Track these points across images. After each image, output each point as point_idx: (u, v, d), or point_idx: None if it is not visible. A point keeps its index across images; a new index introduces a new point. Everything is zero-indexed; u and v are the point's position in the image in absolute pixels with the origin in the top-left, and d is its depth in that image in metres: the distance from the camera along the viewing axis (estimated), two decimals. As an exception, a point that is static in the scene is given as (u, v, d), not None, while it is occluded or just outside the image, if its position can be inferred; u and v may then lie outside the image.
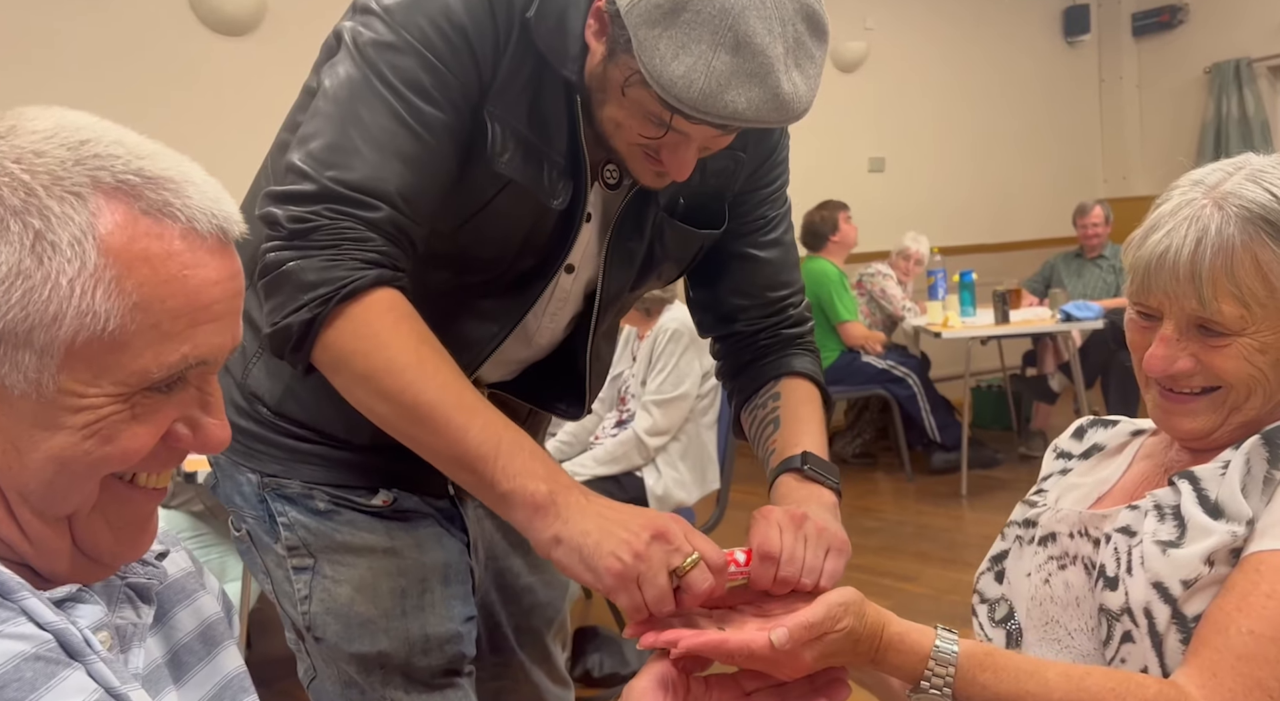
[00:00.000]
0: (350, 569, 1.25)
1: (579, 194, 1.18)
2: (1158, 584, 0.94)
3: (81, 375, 0.67)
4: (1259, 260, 0.97)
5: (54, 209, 0.66)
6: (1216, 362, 1.00)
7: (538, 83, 1.14)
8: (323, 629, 1.25)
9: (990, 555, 1.17)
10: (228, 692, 0.84)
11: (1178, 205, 1.00)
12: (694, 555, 0.98)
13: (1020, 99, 7.32)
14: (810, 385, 1.34)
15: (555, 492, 1.02)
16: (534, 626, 1.47)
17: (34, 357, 0.66)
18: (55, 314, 0.65)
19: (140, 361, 0.68)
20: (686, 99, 1.02)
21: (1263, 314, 0.98)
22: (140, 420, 0.70)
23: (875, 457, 5.73)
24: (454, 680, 1.29)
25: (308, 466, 1.24)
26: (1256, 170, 1.00)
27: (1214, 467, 0.99)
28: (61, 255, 0.65)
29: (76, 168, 0.67)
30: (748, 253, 1.35)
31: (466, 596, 1.32)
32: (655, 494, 3.05)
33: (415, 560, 1.27)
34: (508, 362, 1.30)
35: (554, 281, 1.23)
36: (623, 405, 3.23)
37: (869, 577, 3.74)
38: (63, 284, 0.65)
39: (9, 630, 0.63)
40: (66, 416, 0.67)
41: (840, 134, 6.43)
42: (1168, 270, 0.98)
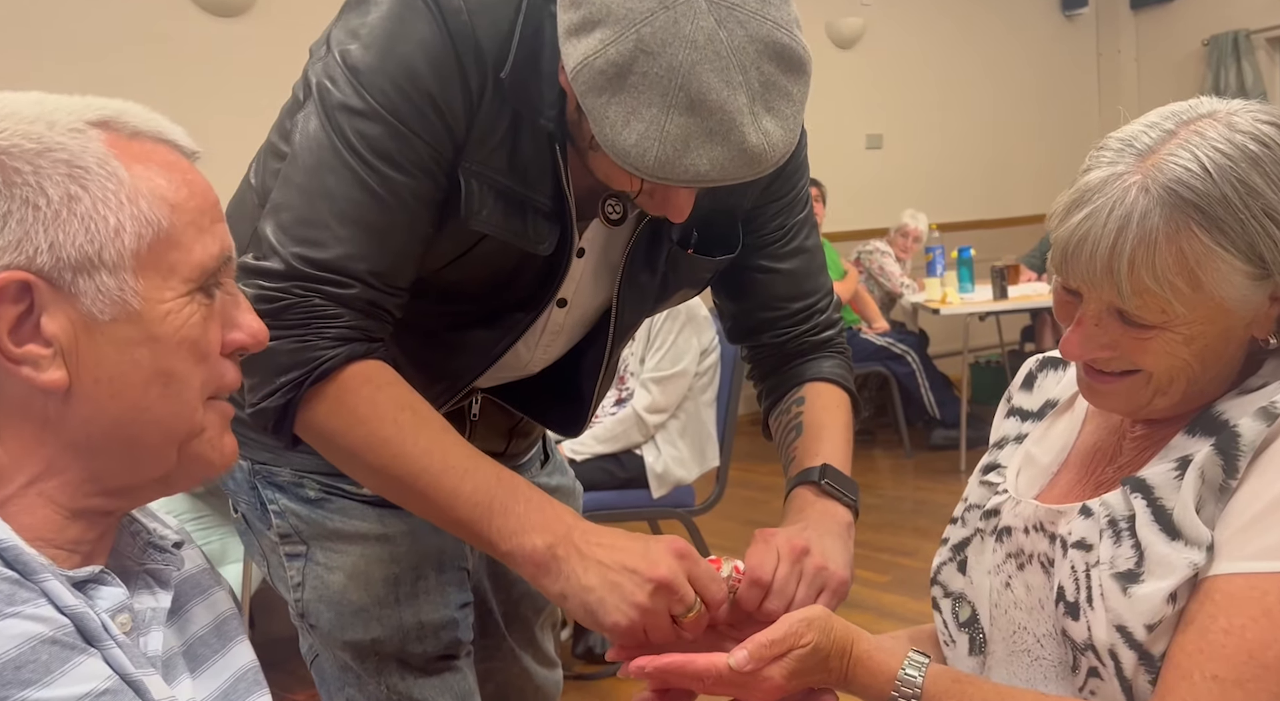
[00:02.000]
0: (343, 556, 1.25)
1: (566, 235, 1.14)
2: (1121, 627, 0.88)
3: (154, 280, 0.72)
4: (1184, 253, 0.87)
5: (67, 142, 0.70)
6: (1136, 353, 0.92)
7: (515, 132, 1.09)
8: (316, 616, 1.25)
9: (952, 543, 1.11)
10: (241, 685, 0.85)
11: (1105, 178, 0.89)
12: (696, 606, 1.00)
13: (1018, 73, 7.29)
14: (837, 390, 1.31)
15: (554, 546, 1.02)
16: (523, 614, 1.48)
17: (111, 276, 0.71)
18: (115, 226, 0.70)
19: (194, 255, 0.74)
20: (643, 168, 0.96)
21: (1187, 307, 0.89)
22: (208, 323, 0.76)
23: (874, 434, 5.74)
24: (451, 663, 1.29)
25: (297, 454, 1.22)
26: (1196, 133, 0.88)
27: (1167, 472, 0.92)
28: (96, 175, 0.70)
29: (56, 113, 0.72)
30: (767, 266, 1.30)
31: (462, 582, 1.31)
32: (655, 471, 3.05)
33: (408, 547, 1.26)
34: (499, 377, 1.29)
35: (545, 314, 1.21)
36: (621, 384, 3.23)
37: (868, 553, 3.76)
38: (110, 198, 0.70)
39: (29, 611, 0.64)
40: (156, 325, 0.73)
41: (837, 111, 6.40)
42: (1085, 258, 0.89)
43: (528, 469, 1.47)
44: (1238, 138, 0.88)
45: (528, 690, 1.52)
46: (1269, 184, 0.87)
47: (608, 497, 2.96)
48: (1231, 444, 0.88)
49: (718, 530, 3.54)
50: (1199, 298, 0.88)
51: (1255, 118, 0.90)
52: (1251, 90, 6.96)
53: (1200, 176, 0.86)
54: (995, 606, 1.03)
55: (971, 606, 1.06)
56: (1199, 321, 0.90)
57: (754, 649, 0.96)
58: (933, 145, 6.92)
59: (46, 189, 0.69)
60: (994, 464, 1.13)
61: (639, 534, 1.05)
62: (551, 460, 1.54)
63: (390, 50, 1.03)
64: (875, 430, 5.76)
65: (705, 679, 0.95)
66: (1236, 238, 0.87)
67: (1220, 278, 0.88)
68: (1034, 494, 1.06)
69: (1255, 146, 0.87)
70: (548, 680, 1.54)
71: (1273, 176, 0.87)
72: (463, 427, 1.29)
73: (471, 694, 1.30)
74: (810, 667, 0.97)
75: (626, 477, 3.05)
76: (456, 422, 1.26)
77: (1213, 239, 0.86)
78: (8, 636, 0.62)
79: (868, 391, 5.77)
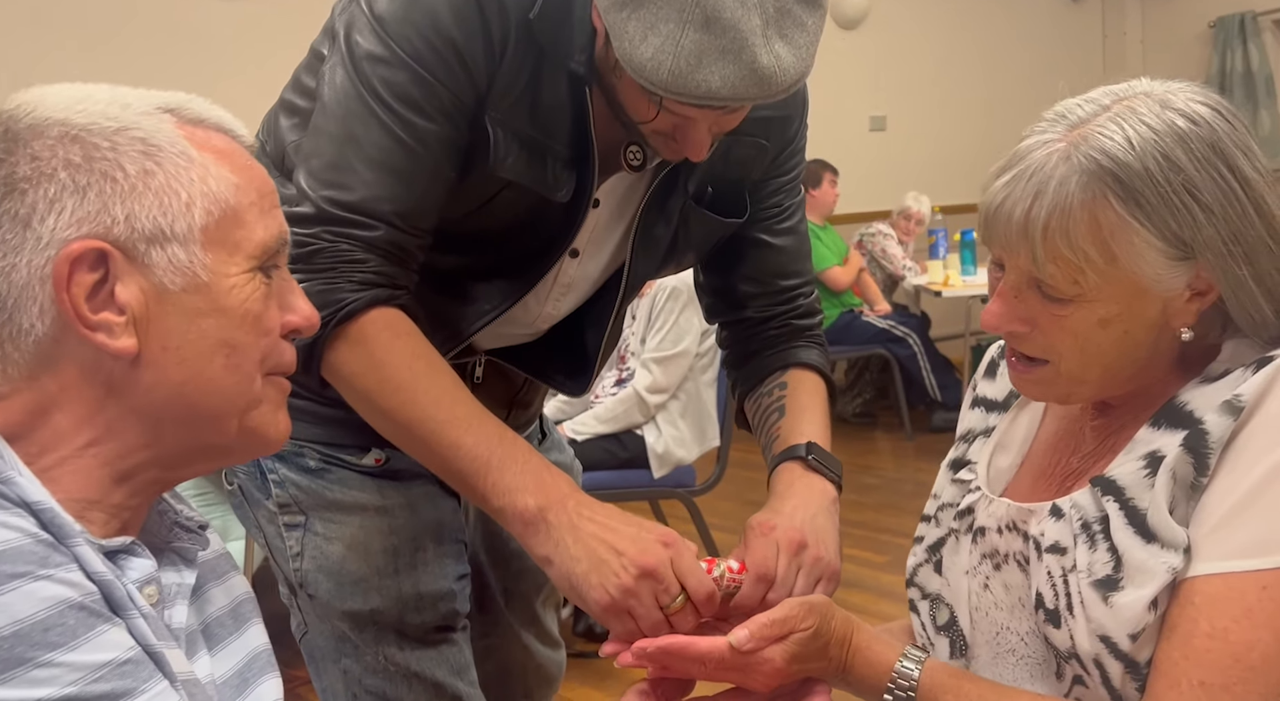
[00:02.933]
0: (342, 526, 1.26)
1: (584, 183, 1.18)
2: (1104, 637, 0.87)
3: (220, 254, 0.76)
4: (1099, 221, 0.85)
5: (143, 122, 0.74)
6: (1051, 332, 0.91)
7: (538, 79, 1.13)
8: (315, 586, 1.26)
9: (927, 543, 1.11)
10: (255, 665, 0.86)
11: (1033, 145, 0.89)
12: (680, 597, 1.01)
13: (1023, 55, 7.25)
14: (818, 378, 1.34)
15: (546, 509, 1.04)
16: (523, 590, 1.48)
17: (181, 248, 0.74)
18: (186, 200, 0.74)
19: (257, 234, 0.78)
20: (657, 81, 1.00)
21: (1100, 281, 0.87)
22: (268, 302, 0.79)
23: (875, 417, 5.75)
24: (448, 635, 1.30)
25: (298, 423, 1.22)
26: (1129, 108, 0.88)
27: (1137, 471, 0.90)
28: (169, 153, 0.74)
29: (129, 98, 0.76)
30: (762, 239, 1.34)
31: (459, 554, 1.33)
32: (655, 452, 3.06)
33: (406, 519, 1.28)
34: (503, 336, 1.30)
35: (557, 265, 1.24)
36: (622, 364, 3.23)
37: (868, 534, 3.77)
38: (182, 174, 0.74)
39: (60, 575, 0.65)
40: (223, 297, 0.76)
41: (840, 92, 6.37)
42: (1003, 222, 0.89)
43: None
44: (1168, 115, 0.87)
45: (529, 668, 1.52)
46: (1193, 161, 0.85)
47: (608, 477, 2.97)
48: (1200, 442, 0.86)
49: (718, 510, 3.56)
50: (1113, 271, 0.87)
51: (1190, 97, 0.88)
52: (1258, 72, 6.93)
53: (1123, 147, 0.85)
54: (975, 609, 1.03)
55: (950, 609, 1.06)
56: (1114, 299, 0.88)
57: (755, 628, 0.96)
58: (936, 127, 6.89)
59: (124, 163, 0.72)
60: (964, 460, 1.12)
61: (633, 517, 1.06)
62: (549, 438, 1.54)
63: (415, 1, 1.08)
64: (877, 412, 5.77)
65: (707, 661, 0.95)
66: (1153, 212, 0.85)
67: (1135, 253, 0.86)
68: (1004, 487, 1.05)
69: (1184, 123, 0.86)
70: (550, 659, 1.54)
71: (1198, 154, 0.85)
72: None
73: (467, 667, 1.31)
74: (810, 653, 0.97)
75: (627, 457, 3.06)
76: None
77: (1128, 211, 0.85)
78: (38, 598, 0.63)
79: (869, 374, 5.77)
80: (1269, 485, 0.84)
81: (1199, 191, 0.85)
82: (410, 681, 1.27)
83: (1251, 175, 0.87)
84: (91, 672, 0.64)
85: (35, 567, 0.64)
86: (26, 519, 0.67)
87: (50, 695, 0.62)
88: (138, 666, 0.67)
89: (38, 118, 0.73)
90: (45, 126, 0.72)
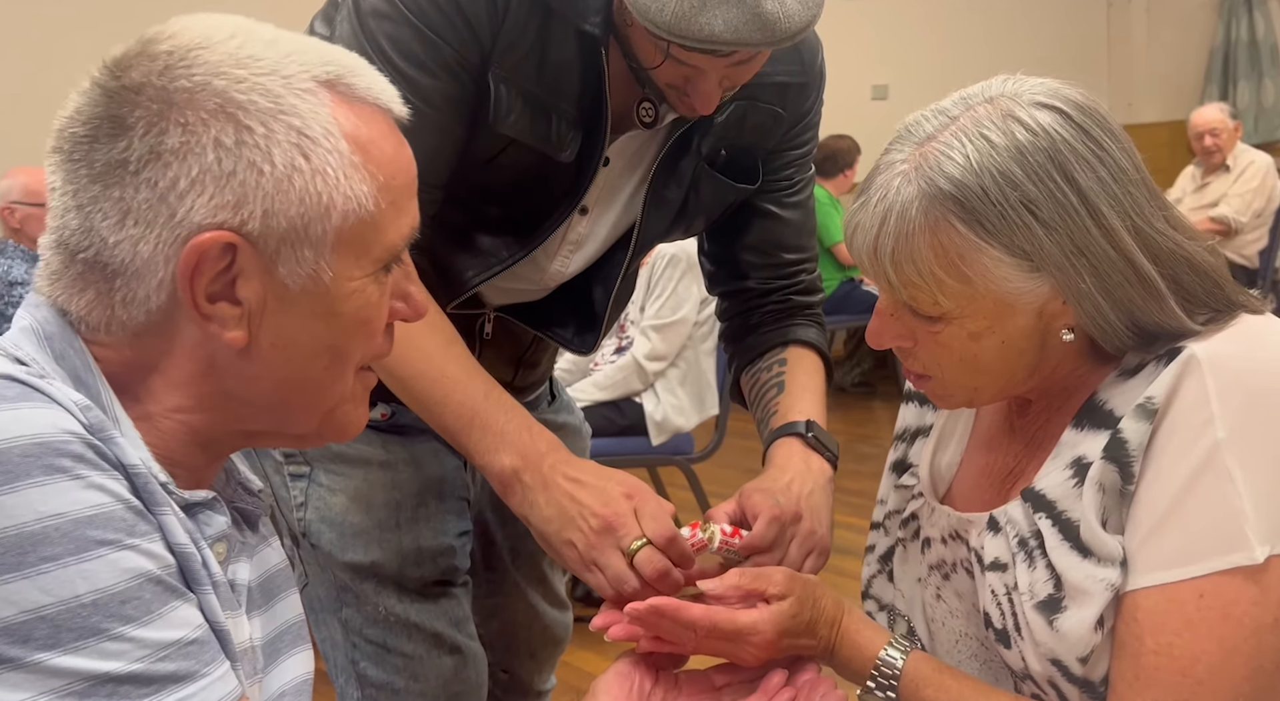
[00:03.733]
0: (346, 479, 1.28)
1: (594, 141, 1.18)
2: (1055, 661, 0.87)
3: (347, 259, 0.73)
4: (944, 245, 0.84)
5: (300, 106, 0.70)
6: (929, 347, 0.91)
7: (545, 37, 1.13)
8: (317, 536, 1.28)
9: (878, 553, 1.11)
10: (286, 637, 0.85)
11: (883, 164, 0.89)
12: (640, 540, 1.01)
13: (1026, 23, 7.19)
14: (817, 357, 1.34)
15: (521, 470, 1.06)
16: (529, 550, 1.49)
17: (311, 250, 0.71)
18: (327, 204, 0.71)
19: (388, 237, 0.75)
20: (660, 23, 1.00)
21: (960, 299, 0.86)
22: (382, 301, 0.77)
23: (874, 386, 5.76)
24: (448, 589, 1.32)
25: None
26: (973, 120, 0.86)
27: (1065, 480, 0.90)
28: (321, 146, 0.70)
29: (289, 63, 0.71)
30: (770, 210, 1.34)
31: (462, 511, 1.34)
32: (654, 419, 3.07)
33: (410, 475, 1.29)
34: (513, 292, 1.31)
35: (567, 222, 1.24)
36: (622, 332, 3.24)
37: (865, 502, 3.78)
38: (328, 173, 0.70)
39: (144, 545, 0.65)
40: (340, 302, 0.73)
41: (842, 61, 6.29)
42: (858, 247, 0.89)
43: (535, 406, 1.48)
44: (1009, 125, 0.85)
45: (535, 628, 1.53)
46: (1029, 176, 0.83)
47: (607, 444, 2.98)
48: (1120, 451, 0.86)
49: (717, 477, 3.57)
50: (970, 291, 0.86)
51: (1036, 102, 0.86)
52: (1263, 41, 6.89)
53: (961, 167, 0.84)
54: (932, 620, 1.03)
55: (906, 620, 1.06)
56: (980, 315, 0.87)
57: (730, 578, 0.97)
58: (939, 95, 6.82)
59: (273, 154, 0.69)
60: (905, 463, 1.11)
61: (608, 471, 1.06)
62: (559, 399, 1.56)
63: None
64: (875, 382, 5.78)
65: (698, 627, 0.95)
66: (996, 231, 0.84)
67: (986, 271, 0.85)
68: (946, 488, 1.05)
69: (1023, 135, 0.84)
70: (556, 620, 1.55)
71: (1034, 167, 0.84)
72: (472, 348, 1.31)
73: (466, 619, 1.33)
74: (799, 628, 0.97)
75: (626, 425, 3.07)
76: (467, 340, 1.29)
77: (973, 232, 0.84)
78: (120, 569, 0.63)
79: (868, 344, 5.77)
80: (1191, 491, 0.83)
81: (1037, 207, 0.83)
82: (410, 631, 1.28)
83: (1089, 186, 0.84)
84: (159, 651, 0.63)
85: (123, 535, 0.64)
86: (120, 482, 0.66)
87: (117, 669, 0.61)
88: (202, 647, 0.66)
89: (196, 81, 0.69)
90: (202, 96, 0.68)
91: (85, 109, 0.70)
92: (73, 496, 0.62)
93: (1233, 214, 5.07)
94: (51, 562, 0.60)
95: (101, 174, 0.69)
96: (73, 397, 0.66)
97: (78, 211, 0.70)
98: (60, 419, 0.64)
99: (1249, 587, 0.82)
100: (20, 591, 0.59)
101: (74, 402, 0.66)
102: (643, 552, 1.00)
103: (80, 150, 0.70)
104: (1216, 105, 5.43)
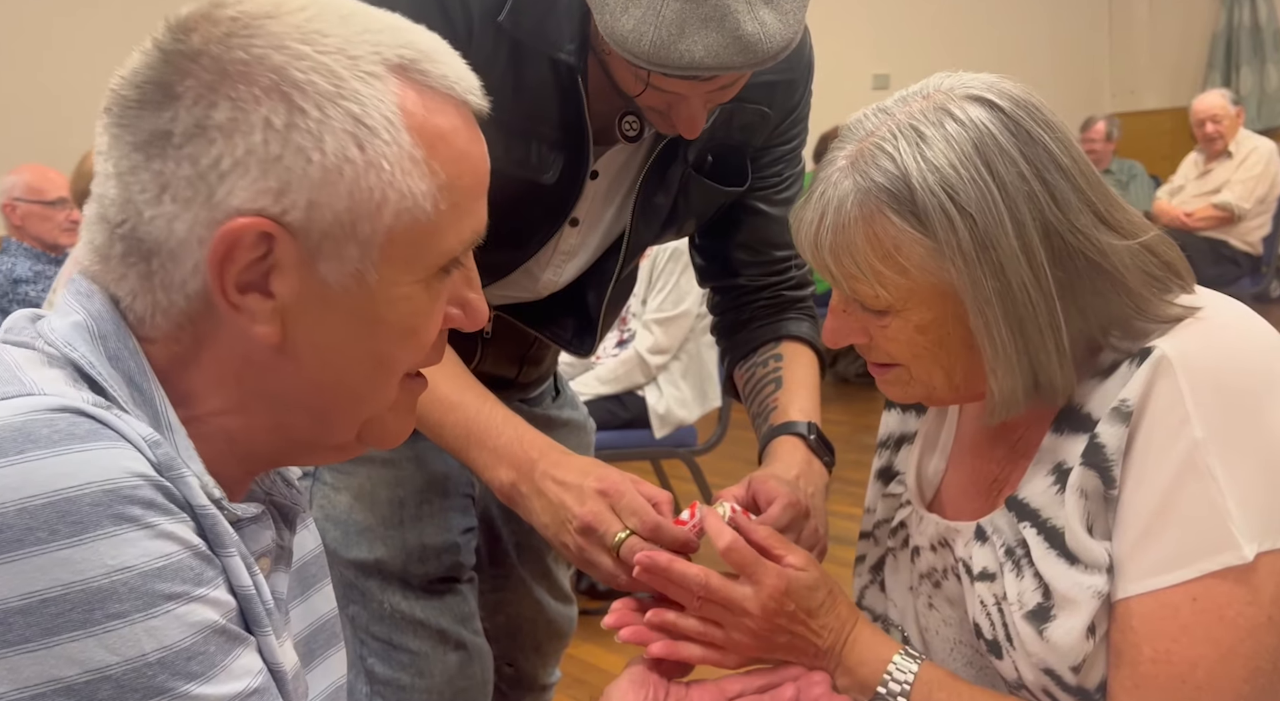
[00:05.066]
0: (349, 477, 1.28)
1: (579, 159, 1.17)
2: (1048, 671, 0.87)
3: (397, 263, 0.67)
4: (878, 237, 0.86)
5: (362, 91, 0.64)
6: (882, 342, 0.92)
7: (517, 64, 1.12)
8: (321, 534, 1.27)
9: (869, 563, 1.11)
10: (321, 635, 0.82)
11: (825, 161, 0.90)
12: (622, 533, 1.01)
13: (1028, 10, 7.17)
14: (811, 353, 1.34)
15: (518, 483, 1.08)
16: (534, 544, 1.50)
17: (358, 249, 0.65)
18: (379, 201, 0.65)
19: (446, 242, 0.69)
20: (639, 53, 0.99)
21: (900, 292, 0.87)
22: (434, 308, 0.71)
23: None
24: (453, 585, 1.32)
25: None
26: (911, 115, 0.87)
27: (1047, 487, 0.90)
28: (379, 138, 0.64)
29: (360, 43, 0.65)
30: (759, 208, 1.33)
31: (466, 508, 1.35)
32: (657, 412, 3.07)
33: (413, 472, 1.30)
34: (510, 298, 1.30)
35: (558, 235, 1.24)
36: (624, 325, 3.24)
37: (869, 494, 3.79)
38: (385, 168, 0.65)
39: (211, 595, 0.61)
40: (384, 308, 0.68)
41: (843, 50, 6.31)
42: (801, 243, 0.91)
43: (539, 402, 1.49)
44: (941, 118, 0.86)
45: (539, 622, 1.54)
46: (953, 166, 0.84)
47: (610, 438, 2.99)
48: (1099, 455, 0.86)
49: (720, 470, 3.57)
50: (909, 283, 0.87)
51: (969, 96, 0.87)
52: (1265, 27, 6.86)
53: (893, 159, 0.85)
54: (925, 629, 1.02)
55: (900, 630, 1.05)
56: (924, 305, 0.88)
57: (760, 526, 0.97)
58: (940, 84, 6.83)
59: (325, 141, 0.63)
60: (892, 470, 1.11)
61: (589, 467, 1.06)
62: (563, 394, 1.56)
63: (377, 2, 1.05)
64: (878, 372, 5.78)
65: (690, 584, 0.95)
66: (927, 220, 0.84)
67: (921, 261, 0.85)
68: (934, 494, 1.05)
69: (953, 128, 0.85)
70: (561, 614, 1.56)
71: (960, 158, 0.84)
72: (473, 347, 1.32)
73: (471, 616, 1.34)
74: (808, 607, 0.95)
75: (629, 418, 3.08)
76: (468, 341, 1.29)
77: (905, 222, 0.85)
78: (186, 623, 0.59)
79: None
80: (1174, 493, 0.83)
81: (957, 194, 0.84)
82: (415, 628, 1.29)
83: (1009, 180, 0.84)
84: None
85: (191, 587, 0.60)
86: (188, 524, 0.62)
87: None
88: (263, 695, 0.63)
89: (255, 53, 0.63)
90: (258, 70, 0.63)
91: (141, 71, 0.65)
92: (142, 547, 0.58)
93: (1236, 200, 5.05)
94: (119, 619, 0.57)
95: (144, 143, 0.64)
96: (143, 433, 0.62)
97: (117, 180, 0.65)
98: (131, 461, 0.60)
99: (1240, 589, 0.82)
100: (85, 650, 0.56)
101: (144, 438, 0.62)
102: (626, 545, 1.00)
103: (129, 115, 0.65)
104: (1218, 91, 5.41)
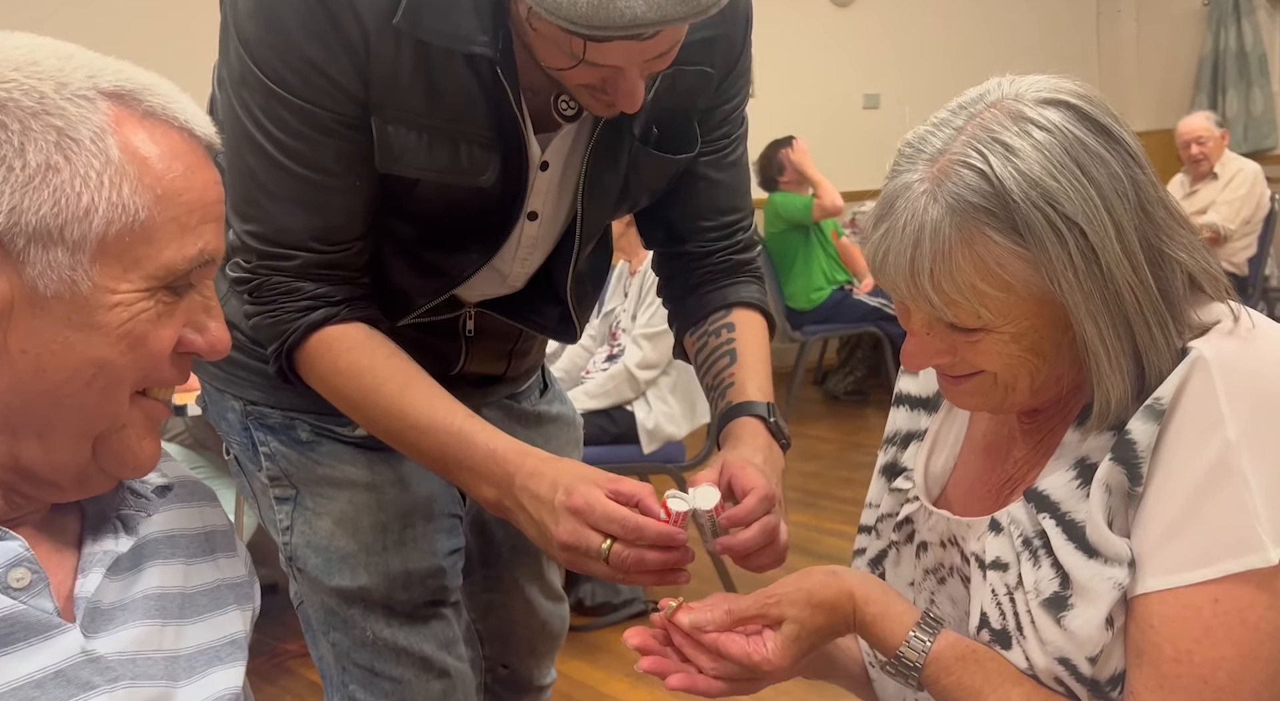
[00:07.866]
0: (331, 502, 1.26)
1: (518, 154, 1.14)
2: (1063, 660, 0.87)
3: (113, 269, 0.70)
4: (980, 257, 0.84)
5: (68, 109, 0.68)
6: (972, 355, 0.90)
7: (426, 67, 1.07)
8: (303, 560, 1.26)
9: (869, 556, 1.10)
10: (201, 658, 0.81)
11: (899, 187, 0.88)
12: (605, 543, 1.00)
13: (1017, 32, 7.22)
14: (762, 320, 1.33)
15: (501, 497, 1.08)
16: (528, 545, 1.47)
17: (67, 254, 0.68)
18: (87, 207, 0.68)
19: (166, 254, 0.72)
20: (577, 17, 0.92)
21: (1002, 307, 0.86)
22: (162, 321, 0.73)
23: (867, 394, 5.76)
24: (438, 610, 1.30)
25: (289, 394, 1.23)
26: (981, 127, 0.86)
27: (1068, 481, 0.90)
28: (86, 150, 0.68)
29: (75, 73, 0.70)
30: (704, 174, 1.29)
31: (453, 529, 1.33)
32: (645, 427, 3.07)
33: (396, 496, 1.28)
34: (485, 293, 1.29)
35: (517, 229, 1.21)
36: (614, 340, 3.23)
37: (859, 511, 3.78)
38: (91, 176, 0.68)
39: None
40: (100, 314, 0.70)
41: (834, 70, 6.34)
42: (891, 276, 0.88)
43: (528, 396, 1.48)
44: (1023, 126, 0.85)
45: (533, 623, 1.52)
46: (1049, 172, 0.83)
47: (599, 453, 2.98)
48: (1128, 451, 0.86)
49: (708, 486, 3.56)
50: (1011, 298, 0.86)
51: (1040, 100, 0.86)
52: (1251, 51, 6.91)
53: (985, 176, 0.83)
54: None
55: None
56: (1022, 316, 0.87)
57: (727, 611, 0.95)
58: (931, 105, 6.80)
59: (27, 152, 0.67)
60: (898, 467, 1.11)
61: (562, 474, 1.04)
62: (551, 389, 1.54)
63: (271, 19, 1.04)
64: (869, 389, 5.78)
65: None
66: (1030, 232, 0.83)
67: (1026, 274, 0.85)
68: (940, 491, 1.05)
69: (1040, 135, 0.84)
70: (553, 613, 1.55)
71: (1055, 163, 0.84)
72: (457, 348, 1.31)
73: (455, 641, 1.32)
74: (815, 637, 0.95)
75: (618, 433, 3.07)
76: (452, 343, 1.28)
77: (1008, 238, 0.84)
78: None
79: (861, 351, 5.78)
80: (1203, 492, 0.83)
81: (1059, 203, 0.83)
82: (398, 655, 1.27)
83: (1103, 180, 0.84)
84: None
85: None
86: None
87: None
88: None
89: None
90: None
91: None
92: None
93: (1221, 221, 5.09)
94: None
95: None
96: None
97: None
98: None
99: (1262, 593, 0.82)
100: None
101: None
102: (614, 552, 1.00)
103: None
104: (1203, 114, 5.45)
